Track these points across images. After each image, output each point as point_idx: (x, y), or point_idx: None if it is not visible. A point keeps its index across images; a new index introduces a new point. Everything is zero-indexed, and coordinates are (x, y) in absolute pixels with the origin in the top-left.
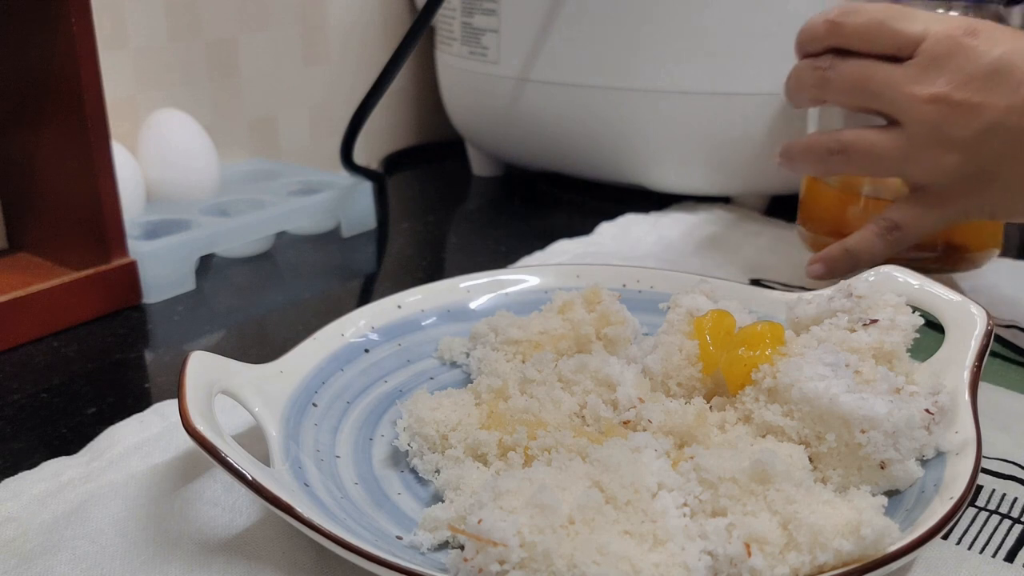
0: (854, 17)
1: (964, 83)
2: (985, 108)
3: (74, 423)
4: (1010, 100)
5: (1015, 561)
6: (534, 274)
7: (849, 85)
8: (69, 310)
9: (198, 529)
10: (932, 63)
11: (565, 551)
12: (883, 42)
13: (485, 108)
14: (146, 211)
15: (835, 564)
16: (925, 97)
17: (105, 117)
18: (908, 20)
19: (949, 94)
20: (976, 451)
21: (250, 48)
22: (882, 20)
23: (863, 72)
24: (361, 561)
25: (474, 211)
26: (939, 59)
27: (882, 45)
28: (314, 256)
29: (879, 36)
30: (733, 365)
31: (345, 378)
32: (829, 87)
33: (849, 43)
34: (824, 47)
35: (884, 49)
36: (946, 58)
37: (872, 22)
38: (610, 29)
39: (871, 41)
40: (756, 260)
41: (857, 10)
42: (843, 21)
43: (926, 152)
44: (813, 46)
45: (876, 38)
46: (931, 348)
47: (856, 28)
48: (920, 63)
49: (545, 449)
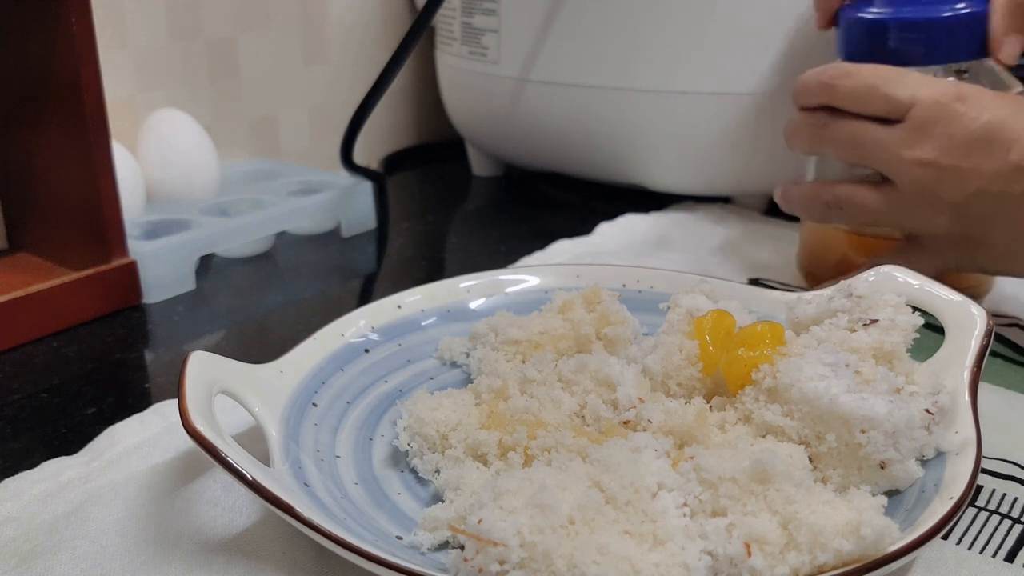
0: (847, 80)
1: (952, 149)
2: (973, 173)
3: (74, 423)
4: (996, 166)
5: (1015, 561)
6: (534, 274)
7: (842, 144)
8: (69, 310)
9: (198, 529)
10: (921, 128)
11: (565, 551)
12: (875, 106)
13: (485, 108)
14: (146, 211)
15: (835, 564)
16: (915, 161)
17: (105, 117)
18: (898, 85)
19: (937, 159)
20: (976, 451)
21: (250, 48)
22: (873, 85)
23: (855, 133)
24: (361, 561)
25: (474, 211)
26: (927, 125)
27: (874, 108)
28: (314, 256)
29: (871, 100)
30: (733, 365)
31: (345, 378)
32: (824, 143)
33: (842, 105)
34: (819, 104)
35: (876, 112)
36: (934, 124)
37: (864, 87)
38: (610, 29)
39: (863, 104)
40: (756, 260)
41: (850, 73)
42: (836, 84)
43: (917, 211)
44: (809, 101)
45: (868, 102)
46: (931, 348)
47: (848, 92)
48: (910, 128)
49: (545, 449)
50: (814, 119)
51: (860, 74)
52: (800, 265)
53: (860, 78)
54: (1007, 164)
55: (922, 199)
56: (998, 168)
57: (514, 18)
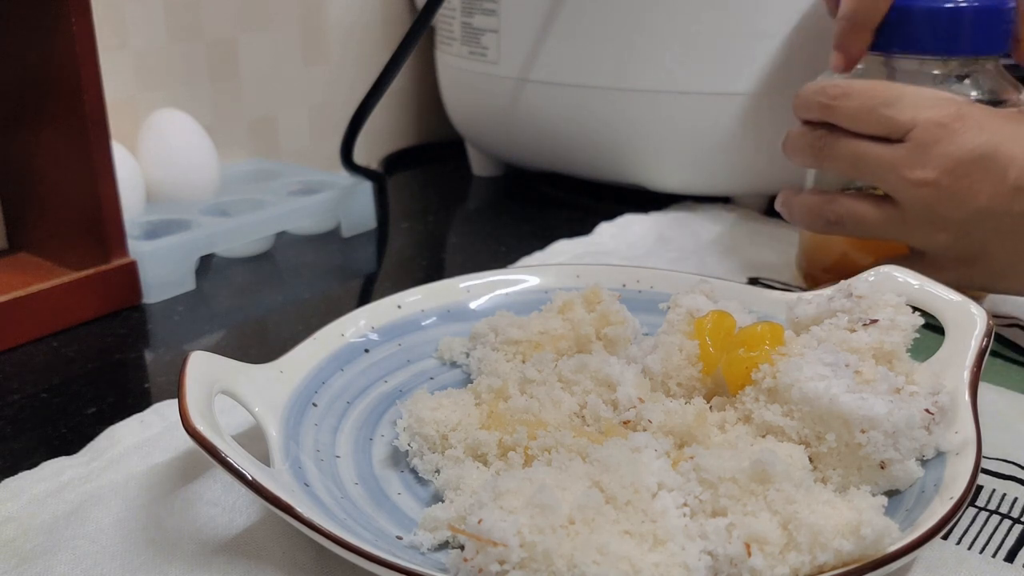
0: (845, 101)
1: (952, 169)
2: (973, 193)
3: (74, 423)
4: (996, 186)
5: (1015, 561)
6: (534, 274)
7: (843, 163)
8: (69, 310)
9: (198, 529)
10: (921, 148)
11: (565, 551)
12: (875, 127)
13: (485, 108)
14: (146, 211)
15: (835, 564)
16: (916, 181)
17: (105, 117)
18: (898, 107)
19: (938, 179)
20: (976, 451)
21: (250, 48)
22: (873, 107)
23: (856, 151)
24: (361, 561)
25: (474, 211)
26: (928, 145)
27: (874, 129)
28: (314, 256)
29: (870, 121)
30: (733, 365)
31: (345, 378)
32: (824, 159)
33: (841, 123)
34: (818, 119)
35: (876, 132)
36: (934, 144)
37: (863, 108)
38: (610, 29)
39: (863, 125)
40: (756, 260)
41: (848, 93)
42: (835, 105)
43: (918, 229)
44: (809, 115)
45: (868, 123)
46: (931, 348)
47: (847, 112)
48: (910, 148)
49: (545, 449)
50: (814, 136)
51: (859, 95)
52: (799, 265)
53: (859, 99)
54: (1006, 184)
55: (923, 217)
56: (997, 188)
57: (514, 18)
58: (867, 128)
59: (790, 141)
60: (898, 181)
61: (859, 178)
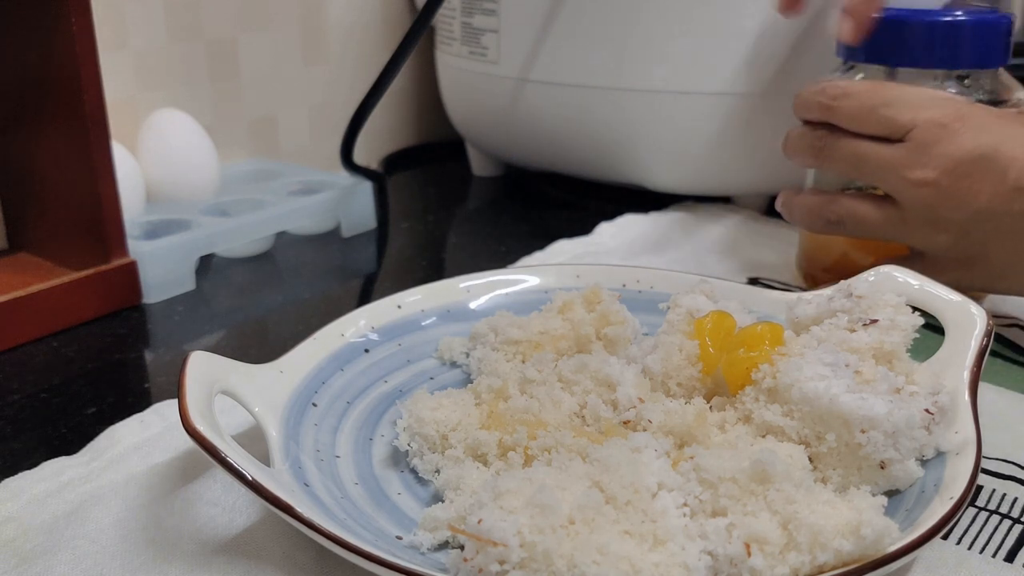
0: (845, 102)
1: (952, 169)
2: (973, 193)
3: (74, 423)
4: (996, 186)
5: (1015, 561)
6: (534, 274)
7: (844, 163)
8: (69, 310)
9: (198, 529)
10: (922, 149)
11: (565, 551)
12: (875, 127)
13: (485, 108)
14: (146, 211)
15: (835, 564)
16: (916, 181)
17: (105, 117)
18: (898, 108)
19: (938, 180)
20: (976, 451)
21: (250, 48)
22: (873, 107)
23: (857, 151)
24: (361, 561)
25: (474, 211)
26: (928, 146)
27: (874, 129)
28: (314, 256)
29: (870, 122)
30: (733, 365)
31: (345, 378)
32: (824, 160)
33: (841, 124)
34: (818, 119)
35: (876, 132)
36: (934, 145)
37: (863, 109)
38: (610, 29)
39: (863, 126)
40: (756, 260)
41: (848, 94)
42: (835, 105)
43: (919, 229)
44: (810, 116)
45: (868, 123)
46: (931, 348)
47: (847, 113)
48: (910, 148)
49: (545, 449)
50: (814, 136)
51: (859, 95)
52: (799, 265)
53: (859, 100)
54: (1006, 184)
55: (923, 217)
56: (997, 188)
57: (514, 18)
58: (867, 128)
59: (790, 141)
60: (898, 181)
61: (859, 178)
